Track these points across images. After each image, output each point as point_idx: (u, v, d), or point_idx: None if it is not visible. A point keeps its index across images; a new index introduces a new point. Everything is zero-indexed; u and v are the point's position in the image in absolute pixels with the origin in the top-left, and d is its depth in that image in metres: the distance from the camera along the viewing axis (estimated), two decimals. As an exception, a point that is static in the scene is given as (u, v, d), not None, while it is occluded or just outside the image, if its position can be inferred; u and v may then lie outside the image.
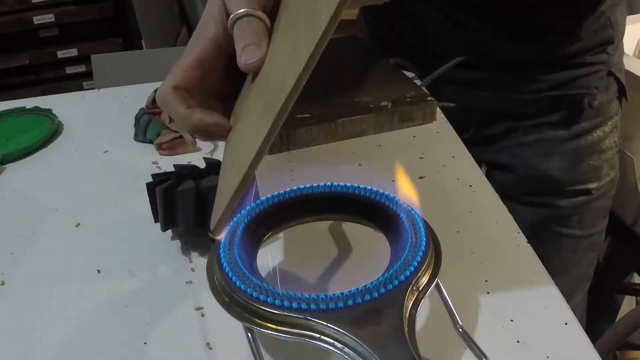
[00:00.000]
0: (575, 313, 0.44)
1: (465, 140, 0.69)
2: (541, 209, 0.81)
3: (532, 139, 0.80)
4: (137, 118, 0.74)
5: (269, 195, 0.47)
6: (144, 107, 0.76)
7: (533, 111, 0.79)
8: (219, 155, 0.66)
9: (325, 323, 0.36)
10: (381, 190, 0.46)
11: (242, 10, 0.43)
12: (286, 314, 0.37)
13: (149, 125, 0.73)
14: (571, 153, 0.79)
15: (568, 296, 0.46)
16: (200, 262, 0.52)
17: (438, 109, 0.73)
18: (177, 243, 0.54)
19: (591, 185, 0.80)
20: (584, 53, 0.76)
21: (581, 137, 0.78)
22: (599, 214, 0.84)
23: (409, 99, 0.71)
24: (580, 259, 0.86)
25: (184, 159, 0.63)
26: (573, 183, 0.79)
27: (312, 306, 0.36)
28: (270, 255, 0.50)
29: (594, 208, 0.82)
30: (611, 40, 0.77)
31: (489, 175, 0.62)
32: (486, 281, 0.47)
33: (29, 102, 0.84)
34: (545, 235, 0.82)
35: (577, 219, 0.81)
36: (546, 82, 0.77)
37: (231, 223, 0.45)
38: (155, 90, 0.64)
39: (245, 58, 0.43)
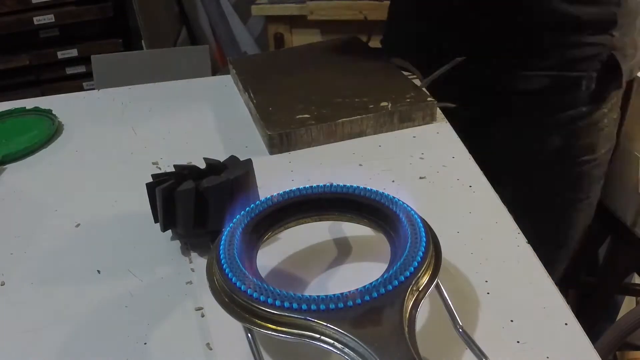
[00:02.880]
0: (553, 276, 0.46)
1: (464, 119, 0.71)
2: (536, 180, 0.85)
3: (533, 120, 0.81)
4: None
5: (269, 195, 0.47)
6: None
7: (533, 88, 0.80)
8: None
9: (325, 323, 0.36)
10: (381, 191, 0.46)
11: None
12: (286, 314, 0.37)
13: None
14: (569, 134, 0.82)
15: (560, 261, 0.48)
16: (200, 262, 0.52)
17: (438, 109, 0.73)
18: (177, 243, 0.54)
19: (585, 158, 0.84)
20: (585, 26, 0.76)
21: (580, 120, 0.81)
22: (593, 180, 0.87)
23: (408, 100, 0.71)
24: (571, 219, 0.90)
25: (184, 160, 0.63)
26: (569, 157, 0.83)
27: (312, 306, 0.37)
28: (270, 255, 0.50)
29: (589, 175, 0.86)
30: (614, 18, 0.77)
31: (483, 154, 0.65)
32: (486, 281, 0.47)
33: (29, 103, 0.84)
34: (539, 199, 0.86)
35: (572, 184, 0.86)
36: (546, 60, 0.78)
37: (231, 223, 0.45)
38: None
39: None
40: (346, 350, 0.36)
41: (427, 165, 0.63)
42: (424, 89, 0.74)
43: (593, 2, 0.76)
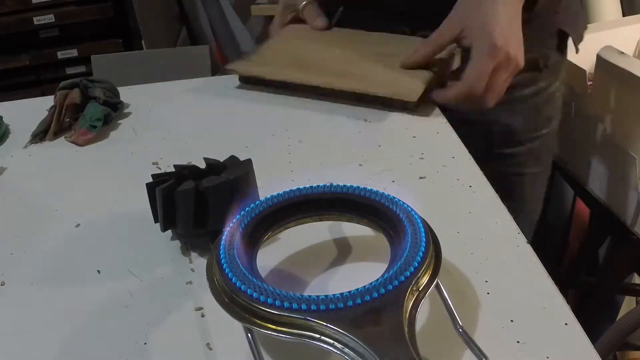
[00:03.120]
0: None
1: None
2: (503, 158, 0.90)
3: (500, 100, 0.83)
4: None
5: (269, 196, 0.47)
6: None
7: None
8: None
9: (325, 323, 0.36)
10: (381, 191, 0.46)
11: None
12: (286, 314, 0.37)
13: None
14: (531, 109, 0.88)
15: (530, 224, 0.49)
16: (200, 262, 0.52)
17: (437, 109, 0.73)
18: (177, 243, 0.54)
19: (544, 131, 0.90)
20: (532, 15, 0.79)
21: (539, 95, 0.87)
22: (549, 150, 0.95)
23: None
24: (536, 193, 0.97)
25: (184, 160, 0.63)
26: (530, 132, 0.89)
27: (312, 307, 0.37)
28: (270, 255, 0.50)
29: (546, 146, 0.92)
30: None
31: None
32: (486, 281, 0.47)
33: (28, 103, 0.84)
34: (508, 178, 0.91)
35: (534, 159, 0.91)
36: None
37: (231, 223, 0.45)
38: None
39: None
40: (346, 350, 0.36)
41: (427, 165, 0.63)
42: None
43: None
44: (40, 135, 0.74)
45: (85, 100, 0.76)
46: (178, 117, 0.77)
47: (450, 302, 0.41)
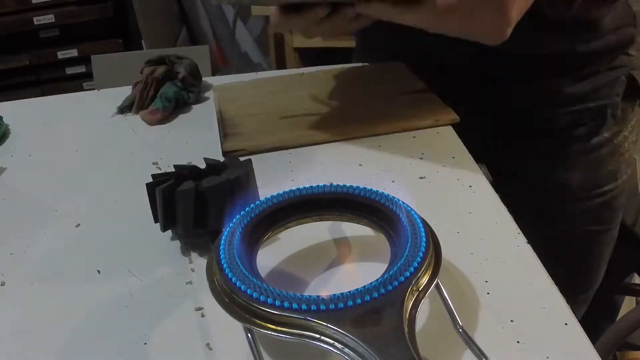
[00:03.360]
0: (585, 306, 0.44)
1: (485, 150, 0.67)
2: (558, 217, 0.80)
3: (556, 155, 0.77)
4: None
5: (269, 196, 0.47)
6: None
7: (555, 127, 0.76)
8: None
9: (325, 323, 0.36)
10: (381, 191, 0.46)
11: None
12: (286, 314, 0.37)
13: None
14: (591, 163, 0.77)
15: (588, 288, 0.44)
16: (200, 262, 0.52)
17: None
18: (177, 243, 0.54)
19: (607, 188, 0.79)
20: (603, 55, 0.72)
21: (602, 148, 0.77)
22: (616, 210, 0.82)
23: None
24: (596, 251, 0.85)
25: (184, 160, 0.63)
26: (591, 189, 0.78)
27: (312, 307, 0.37)
28: (270, 255, 0.50)
29: (611, 205, 0.81)
30: (633, 39, 0.74)
31: (500, 184, 0.61)
32: (486, 281, 0.47)
33: (28, 103, 0.84)
34: (563, 236, 0.80)
35: (593, 218, 0.80)
36: (565, 96, 0.74)
37: (231, 223, 0.45)
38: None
39: None
40: (346, 350, 0.36)
41: (427, 165, 0.63)
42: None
43: (612, 31, 0.72)
44: (125, 108, 0.75)
45: (168, 78, 0.77)
46: (178, 117, 0.77)
47: (450, 302, 0.41)
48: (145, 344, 0.44)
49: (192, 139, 0.72)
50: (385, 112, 0.72)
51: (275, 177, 0.62)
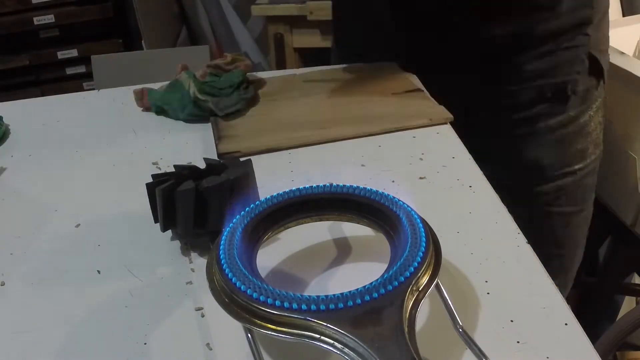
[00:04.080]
0: (565, 290, 0.45)
1: (457, 131, 0.70)
2: (529, 197, 0.83)
3: (523, 132, 0.81)
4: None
5: (269, 196, 0.47)
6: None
7: (520, 102, 0.80)
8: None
9: (325, 323, 0.36)
10: (381, 191, 0.46)
11: None
12: (286, 314, 0.37)
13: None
14: (559, 141, 0.81)
15: (565, 272, 0.47)
16: (200, 262, 0.52)
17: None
18: (177, 243, 0.54)
19: (577, 166, 0.83)
20: (561, 34, 0.77)
21: (569, 125, 0.81)
22: (586, 190, 0.86)
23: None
24: (572, 233, 0.88)
25: (184, 160, 0.63)
26: (561, 167, 0.82)
27: (312, 307, 0.36)
28: (270, 255, 0.50)
29: (582, 185, 0.85)
30: (590, 20, 0.78)
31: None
32: (486, 281, 0.47)
33: (28, 103, 0.84)
34: (537, 217, 0.84)
35: (566, 197, 0.84)
36: (528, 72, 0.78)
37: (231, 223, 0.45)
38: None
39: None
40: (346, 350, 0.36)
41: (427, 165, 0.63)
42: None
43: (570, 12, 0.76)
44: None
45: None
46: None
47: (450, 302, 0.41)
48: (145, 344, 0.44)
49: (192, 139, 0.72)
50: (379, 111, 0.73)
51: (275, 177, 0.62)
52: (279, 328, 0.37)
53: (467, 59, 0.80)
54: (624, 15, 1.50)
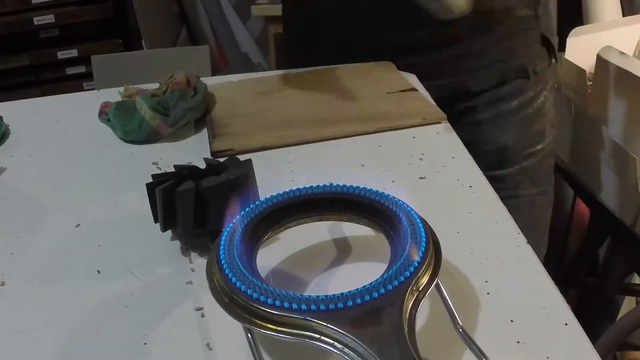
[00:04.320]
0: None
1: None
2: (495, 181, 0.85)
3: (489, 115, 0.85)
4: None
5: (269, 196, 0.47)
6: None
7: (485, 87, 0.85)
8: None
9: (324, 323, 0.36)
10: (381, 191, 0.46)
11: None
12: (286, 314, 0.37)
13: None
14: (521, 122, 0.86)
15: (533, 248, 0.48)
16: (200, 262, 0.52)
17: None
18: (177, 243, 0.54)
19: (538, 147, 0.87)
20: (512, 9, 0.81)
21: (529, 106, 0.86)
22: (548, 170, 0.91)
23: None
24: (539, 215, 0.92)
25: (184, 160, 0.63)
26: (524, 148, 0.86)
27: (312, 307, 0.36)
28: (270, 255, 0.50)
29: (543, 165, 0.89)
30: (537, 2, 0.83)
31: None
32: (486, 281, 0.47)
33: (28, 103, 0.84)
34: (504, 201, 0.85)
35: (530, 179, 0.88)
36: (489, 56, 0.83)
37: (231, 223, 0.45)
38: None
39: None
40: (346, 350, 0.36)
41: (427, 165, 0.63)
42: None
43: None
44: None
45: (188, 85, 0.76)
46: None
47: (450, 302, 0.41)
48: (145, 344, 0.44)
49: (192, 139, 0.72)
50: (373, 110, 0.73)
51: (275, 177, 0.62)
52: (279, 328, 0.37)
53: (430, 45, 0.83)
54: (624, 15, 1.50)
